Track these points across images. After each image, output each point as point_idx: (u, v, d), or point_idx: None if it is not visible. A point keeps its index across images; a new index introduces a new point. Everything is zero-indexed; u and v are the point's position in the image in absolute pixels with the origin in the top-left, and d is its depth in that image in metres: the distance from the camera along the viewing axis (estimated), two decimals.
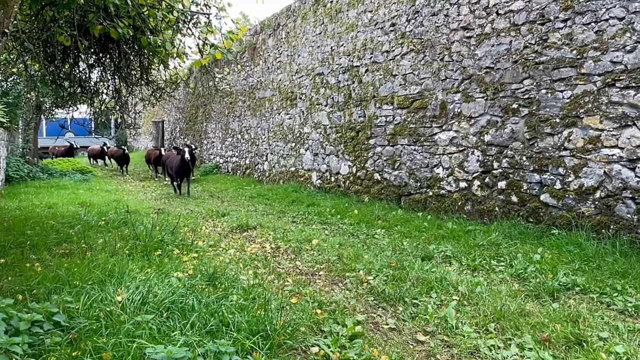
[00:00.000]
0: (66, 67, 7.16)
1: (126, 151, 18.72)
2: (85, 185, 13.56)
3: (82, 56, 6.88)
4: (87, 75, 7.63)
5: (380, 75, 9.21)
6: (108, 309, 3.25)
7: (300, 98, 12.20)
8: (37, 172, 14.44)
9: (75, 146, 22.75)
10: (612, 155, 5.50)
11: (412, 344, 3.32)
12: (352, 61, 10.07)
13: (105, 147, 21.91)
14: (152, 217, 7.56)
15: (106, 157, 22.34)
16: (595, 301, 4.01)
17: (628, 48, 5.32)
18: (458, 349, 3.21)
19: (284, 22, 13.01)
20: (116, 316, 3.16)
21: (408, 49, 8.49)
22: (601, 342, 3.19)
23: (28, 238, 5.78)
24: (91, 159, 23.35)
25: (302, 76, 12.12)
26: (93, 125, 25.97)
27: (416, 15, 8.30)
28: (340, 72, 10.47)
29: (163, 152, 16.01)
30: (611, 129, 5.50)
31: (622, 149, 5.41)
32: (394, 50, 8.86)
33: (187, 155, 11.70)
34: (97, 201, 9.62)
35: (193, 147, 13.42)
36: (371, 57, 9.47)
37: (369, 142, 9.56)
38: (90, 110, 11.15)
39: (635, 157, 5.29)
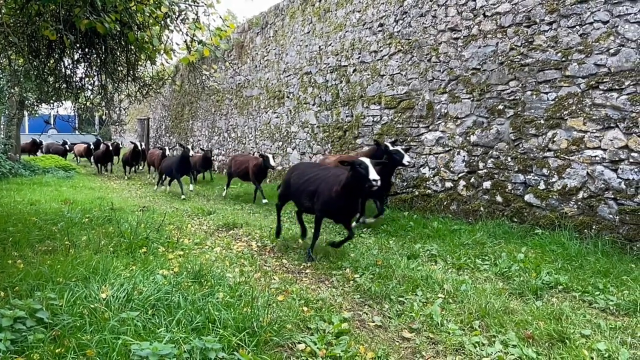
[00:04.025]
0: (51, 62, 7.03)
1: (208, 154, 13.05)
2: (68, 182, 13.36)
3: (68, 51, 6.77)
4: (73, 71, 7.49)
5: (368, 75, 9.24)
6: (92, 306, 3.21)
7: (288, 97, 12.18)
8: (19, 168, 14.18)
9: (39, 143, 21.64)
10: (595, 156, 5.59)
11: (398, 341, 3.34)
12: (340, 61, 10.09)
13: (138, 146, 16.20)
14: (137, 215, 7.48)
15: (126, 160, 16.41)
16: (578, 299, 4.08)
17: (612, 51, 5.42)
18: (443, 346, 3.24)
19: (272, 20, 12.98)
20: (100, 313, 3.13)
21: (396, 50, 8.53)
22: (583, 339, 3.24)
23: (10, 235, 5.67)
24: (126, 167, 16.89)
25: (289, 75, 12.11)
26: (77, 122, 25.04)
27: (404, 16, 8.34)
28: (328, 71, 10.48)
29: (272, 162, 9.47)
30: (594, 131, 5.59)
31: (604, 150, 5.51)
32: (381, 51, 8.89)
33: (372, 170, 4.64)
34: (81, 198, 9.49)
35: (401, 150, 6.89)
36: (359, 57, 9.50)
37: (356, 141, 9.58)
38: (75, 106, 10.91)
39: (617, 159, 5.39)
